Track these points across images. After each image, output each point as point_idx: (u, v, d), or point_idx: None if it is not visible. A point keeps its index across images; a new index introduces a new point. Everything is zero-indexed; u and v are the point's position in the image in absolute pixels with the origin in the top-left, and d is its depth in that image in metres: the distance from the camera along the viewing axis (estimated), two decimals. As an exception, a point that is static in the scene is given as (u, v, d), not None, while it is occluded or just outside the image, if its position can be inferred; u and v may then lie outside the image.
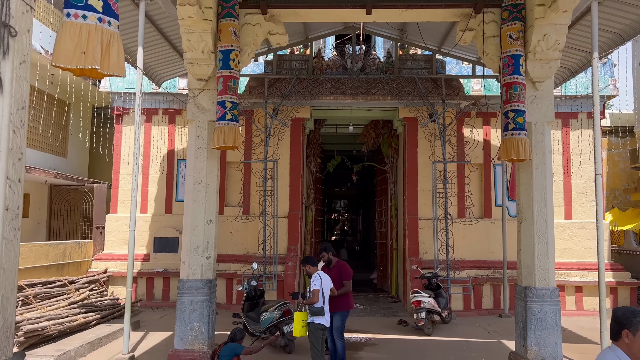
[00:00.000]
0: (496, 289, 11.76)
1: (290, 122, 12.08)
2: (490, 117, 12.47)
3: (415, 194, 11.96)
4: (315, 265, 6.44)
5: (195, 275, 6.50)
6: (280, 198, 11.91)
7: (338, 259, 7.05)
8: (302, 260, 6.52)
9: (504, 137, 6.38)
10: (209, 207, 6.63)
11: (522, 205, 6.65)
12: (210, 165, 6.66)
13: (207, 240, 6.60)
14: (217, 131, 6.31)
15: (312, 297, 6.09)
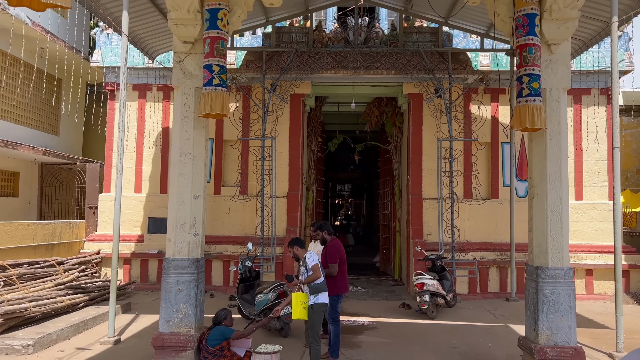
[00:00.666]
0: (503, 272, 11.30)
1: (290, 98, 11.56)
2: (499, 94, 11.91)
3: (420, 174, 11.47)
4: (304, 247, 6.00)
5: (181, 254, 6.06)
6: (279, 177, 11.44)
7: (333, 238, 6.59)
8: (290, 242, 6.06)
9: (517, 105, 5.85)
10: (196, 181, 6.16)
11: (535, 179, 6.15)
12: (197, 135, 6.18)
13: (194, 217, 6.15)
14: (203, 97, 5.81)
15: (314, 273, 5.66)
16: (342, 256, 6.42)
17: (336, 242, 6.51)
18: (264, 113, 10.87)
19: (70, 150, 13.67)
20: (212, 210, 11.80)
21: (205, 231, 6.72)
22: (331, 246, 6.56)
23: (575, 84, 11.75)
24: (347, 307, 9.78)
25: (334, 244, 6.57)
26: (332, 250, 6.47)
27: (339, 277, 6.34)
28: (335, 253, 6.34)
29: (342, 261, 6.42)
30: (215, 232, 11.73)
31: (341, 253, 6.51)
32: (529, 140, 6.36)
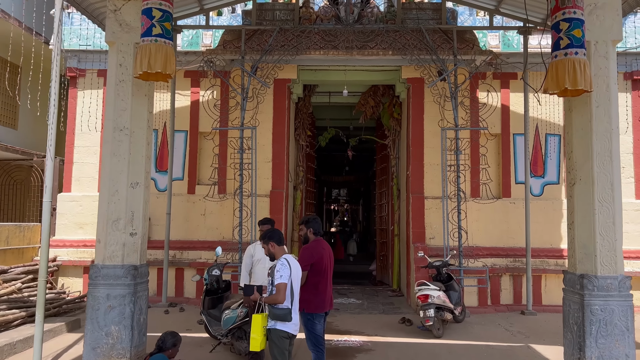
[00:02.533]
0: (517, 280, 9.89)
1: (273, 83, 10.17)
2: (510, 79, 10.56)
3: (421, 169, 10.07)
4: (283, 244, 4.58)
5: (113, 259, 4.66)
6: (262, 174, 10.03)
7: (317, 239, 5.18)
8: (263, 236, 4.66)
9: (552, 60, 4.49)
10: (134, 164, 4.79)
11: (576, 160, 4.78)
12: (136, 105, 4.81)
13: (131, 211, 4.76)
14: (140, 51, 4.45)
15: (276, 294, 4.24)
16: (318, 262, 4.97)
17: (316, 245, 5.10)
18: (243, 99, 9.47)
19: (32, 146, 12.24)
20: (186, 211, 10.39)
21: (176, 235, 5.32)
22: (306, 248, 5.15)
23: None
24: (338, 323, 8.36)
25: (311, 245, 5.16)
26: (304, 252, 5.06)
27: (313, 291, 4.91)
28: (307, 257, 4.93)
29: (321, 270, 4.98)
30: (189, 236, 10.31)
31: (317, 258, 5.00)
32: (567, 110, 4.98)
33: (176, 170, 10.56)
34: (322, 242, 5.17)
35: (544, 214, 10.18)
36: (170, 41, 4.54)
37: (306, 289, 4.89)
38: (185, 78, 10.73)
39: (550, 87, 4.45)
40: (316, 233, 5.23)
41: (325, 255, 5.16)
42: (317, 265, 4.96)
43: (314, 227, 5.17)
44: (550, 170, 10.43)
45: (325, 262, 5.04)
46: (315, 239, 5.17)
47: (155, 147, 10.70)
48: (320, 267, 4.98)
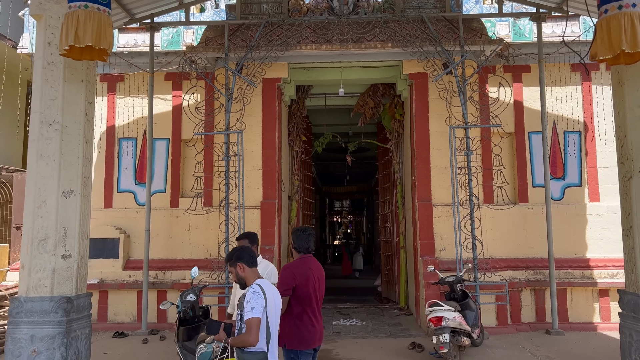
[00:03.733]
0: (539, 295, 8.83)
1: (262, 83, 9.24)
2: (522, 72, 9.59)
3: (428, 173, 9.07)
4: (254, 264, 3.57)
5: (40, 290, 3.66)
6: (251, 183, 9.05)
7: (304, 257, 4.17)
8: (228, 256, 3.64)
9: (602, 17, 3.51)
10: (68, 168, 3.83)
11: (632, 148, 3.82)
12: (70, 93, 3.85)
13: (63, 227, 3.78)
14: (67, 20, 3.49)
15: (246, 333, 3.22)
16: (303, 286, 3.96)
17: (301, 263, 4.09)
18: (227, 100, 8.51)
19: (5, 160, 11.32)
20: (168, 227, 9.41)
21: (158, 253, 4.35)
22: (287, 267, 4.14)
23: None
24: (339, 351, 7.33)
25: (295, 264, 4.15)
26: (284, 273, 4.05)
27: (296, 322, 3.90)
28: (287, 278, 3.94)
29: (306, 295, 3.96)
30: (172, 254, 9.31)
31: (301, 280, 3.98)
32: (616, 84, 4.00)
33: (157, 182, 9.61)
34: (308, 260, 4.15)
35: (566, 219, 9.15)
36: (107, 8, 3.60)
37: (288, 320, 3.89)
38: (166, 81, 9.82)
39: (601, 51, 3.47)
40: (302, 249, 4.22)
41: (313, 277, 4.11)
42: (301, 289, 3.94)
43: (295, 240, 4.17)
44: (571, 172, 9.41)
45: (312, 285, 4.02)
46: (301, 256, 4.17)
47: (134, 158, 9.75)
48: (305, 292, 3.96)
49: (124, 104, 9.85)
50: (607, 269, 8.89)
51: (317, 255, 23.08)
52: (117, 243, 9.22)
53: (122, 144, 9.77)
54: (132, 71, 9.67)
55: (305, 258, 4.23)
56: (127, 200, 9.61)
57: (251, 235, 5.10)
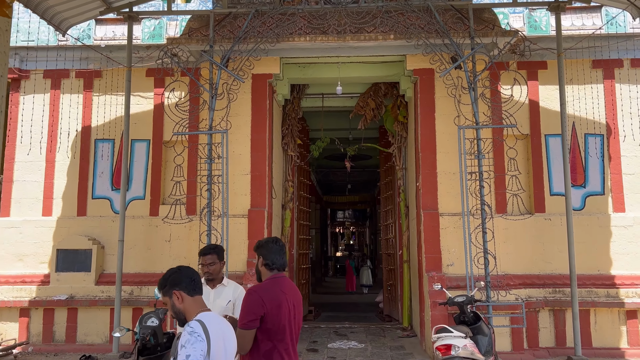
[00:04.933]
0: (559, 317, 7.90)
1: (251, 79, 8.42)
2: (537, 69, 8.74)
3: (434, 179, 8.18)
4: (197, 291, 2.66)
5: None
6: (238, 189, 8.19)
7: (275, 277, 3.27)
8: (162, 282, 2.72)
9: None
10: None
11: None
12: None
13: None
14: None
15: None
16: (273, 316, 3.07)
17: (271, 286, 3.20)
18: (211, 97, 7.65)
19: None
20: (147, 237, 8.55)
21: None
22: (252, 291, 3.22)
23: (604, 54, 8.47)
24: (332, 381, 6.38)
25: (263, 286, 3.24)
26: (248, 298, 3.13)
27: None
28: (252, 305, 3.06)
29: (277, 328, 3.05)
30: (151, 267, 8.43)
31: (270, 308, 3.08)
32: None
33: (136, 188, 8.75)
34: (282, 282, 3.25)
35: (588, 232, 8.23)
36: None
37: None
38: (148, 77, 9.01)
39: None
40: (273, 266, 3.32)
41: (287, 304, 3.18)
42: (271, 320, 3.03)
43: (267, 255, 3.29)
44: (593, 179, 8.50)
45: (286, 315, 3.11)
46: (272, 275, 3.27)
47: (111, 161, 8.90)
48: (276, 324, 3.05)
49: (101, 102, 9.01)
50: (635, 288, 7.95)
51: (318, 268, 21.91)
52: (89, 255, 8.35)
53: (98, 146, 8.93)
54: (110, 66, 8.86)
55: (278, 278, 3.33)
56: (102, 207, 8.75)
57: (220, 249, 4.23)
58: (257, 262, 3.36)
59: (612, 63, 8.53)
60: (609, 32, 8.39)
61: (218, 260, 4.18)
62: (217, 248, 4.24)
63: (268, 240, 3.43)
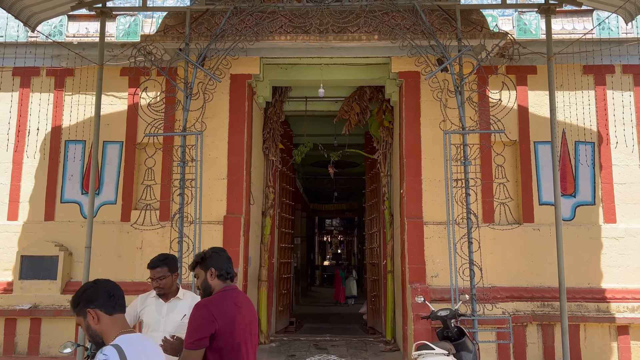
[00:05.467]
0: (547, 332, 7.56)
1: (230, 80, 8.08)
2: (527, 74, 8.47)
3: (419, 186, 7.85)
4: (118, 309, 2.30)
5: None
6: (213, 194, 7.81)
7: (225, 289, 2.94)
8: (75, 300, 2.36)
9: None
10: None
11: None
12: None
13: None
14: None
15: None
16: (226, 334, 2.75)
17: (222, 300, 2.87)
18: (186, 97, 7.27)
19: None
20: (118, 244, 8.13)
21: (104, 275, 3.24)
22: (201, 306, 2.87)
23: (595, 59, 8.21)
24: (306, 400, 5.98)
25: (213, 300, 2.90)
26: (196, 314, 2.81)
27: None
28: (201, 322, 2.77)
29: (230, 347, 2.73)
30: (121, 276, 7.92)
31: (222, 326, 2.77)
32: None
33: (107, 192, 8.35)
34: (234, 294, 2.93)
35: (578, 243, 7.92)
36: None
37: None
38: (122, 77, 8.63)
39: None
40: (226, 276, 3.00)
41: (242, 320, 2.85)
42: (223, 338, 2.70)
43: (218, 265, 2.97)
44: (583, 188, 8.20)
45: (240, 331, 2.76)
46: (224, 287, 2.93)
47: (82, 163, 8.49)
48: (230, 343, 2.71)
49: (73, 102, 8.61)
50: (626, 302, 7.64)
51: (304, 277, 21.34)
52: (55, 262, 7.90)
53: (68, 148, 8.51)
54: (83, 65, 8.46)
55: (230, 291, 3.01)
56: (71, 212, 8.32)
57: (170, 260, 3.85)
58: (205, 277, 3.04)
59: (603, 69, 8.27)
60: (601, 37, 8.13)
61: (169, 272, 3.80)
62: (168, 259, 3.86)
63: (213, 250, 3.17)
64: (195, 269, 3.18)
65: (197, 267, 3.16)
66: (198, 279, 3.16)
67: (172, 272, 3.82)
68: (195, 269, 3.18)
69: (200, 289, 3.14)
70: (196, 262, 3.19)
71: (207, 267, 3.13)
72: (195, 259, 3.23)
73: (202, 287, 3.12)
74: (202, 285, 3.12)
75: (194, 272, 3.20)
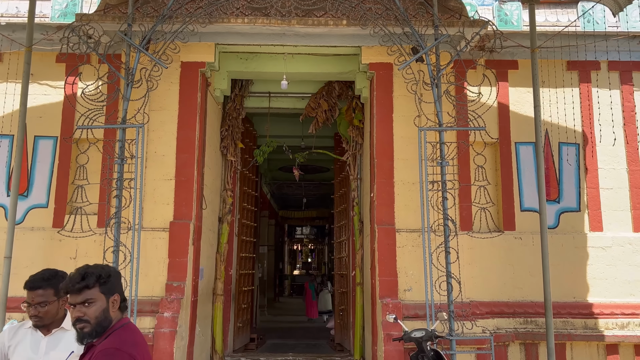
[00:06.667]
0: (530, 351, 6.86)
1: (180, 68, 7.17)
2: (507, 69, 7.81)
3: (390, 189, 7.07)
4: None
5: None
6: (158, 197, 6.88)
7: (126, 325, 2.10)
8: None
9: None
10: None
11: None
12: None
13: None
14: None
15: None
16: None
17: (137, 335, 2.13)
18: (127, 85, 6.31)
19: None
20: (49, 254, 7.08)
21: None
22: (119, 349, 2.04)
23: (580, 54, 7.61)
24: None
25: (128, 340, 2.12)
26: None
27: None
28: None
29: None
30: (50, 290, 6.90)
31: None
32: None
33: (37, 194, 7.31)
34: (137, 330, 2.17)
35: (562, 253, 7.25)
36: None
37: None
38: (58, 64, 7.61)
39: None
40: (124, 307, 2.21)
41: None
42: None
43: (122, 291, 2.27)
44: (568, 193, 7.56)
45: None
46: (121, 321, 2.19)
47: (9, 162, 7.42)
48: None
49: (1, 91, 7.55)
50: (614, 318, 6.98)
51: (271, 288, 20.07)
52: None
53: None
54: (13, 49, 7.42)
55: (133, 326, 2.20)
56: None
57: (55, 281, 2.92)
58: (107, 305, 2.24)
59: (588, 65, 7.67)
60: (586, 30, 7.53)
61: (55, 297, 2.86)
62: (53, 279, 2.92)
63: (108, 267, 2.32)
64: (91, 290, 2.30)
65: (94, 288, 2.30)
66: (91, 306, 2.29)
67: (58, 295, 2.90)
68: (89, 291, 2.30)
69: (91, 323, 2.26)
70: (95, 280, 2.32)
71: (111, 291, 2.30)
72: (91, 276, 2.34)
73: (98, 319, 2.26)
74: (98, 317, 2.27)
75: (86, 296, 2.32)
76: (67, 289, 2.31)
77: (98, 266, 2.43)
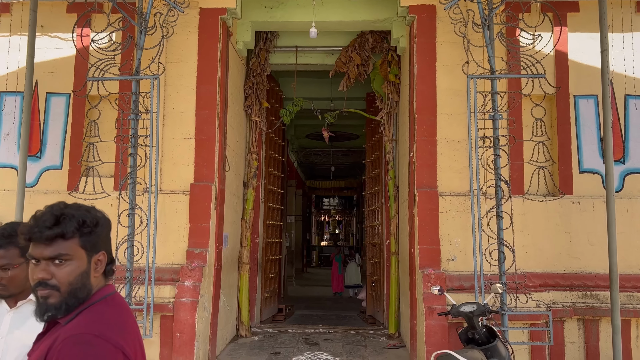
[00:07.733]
0: (590, 329, 6.10)
1: (198, 15, 6.49)
2: (567, 12, 6.85)
3: (433, 148, 6.33)
4: None
5: None
6: (177, 157, 6.31)
7: (109, 297, 1.49)
8: None
9: None
10: None
11: None
12: None
13: None
14: None
15: None
16: None
17: (122, 319, 1.62)
18: (140, 32, 5.69)
19: None
20: (63, 218, 6.55)
21: None
22: (97, 341, 1.45)
23: None
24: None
25: (112, 324, 1.52)
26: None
27: None
28: None
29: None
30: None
31: None
32: None
33: (51, 155, 6.82)
34: (124, 303, 1.62)
35: (627, 219, 6.41)
36: None
37: None
38: (69, 14, 6.99)
39: None
40: (111, 271, 1.59)
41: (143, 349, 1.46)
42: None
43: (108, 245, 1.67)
44: (635, 152, 6.66)
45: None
46: (104, 290, 1.62)
47: (20, 120, 6.92)
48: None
49: (10, 45, 7.02)
50: (687, 292, 6.17)
51: (299, 259, 19.53)
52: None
53: (3, 101, 6.95)
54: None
55: (118, 297, 1.58)
56: (6, 178, 6.81)
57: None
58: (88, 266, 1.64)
59: (659, 5, 6.68)
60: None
61: (21, 257, 2.21)
62: (17, 236, 2.27)
63: (95, 211, 1.66)
64: (67, 242, 1.65)
65: (73, 239, 1.65)
66: (64, 265, 1.65)
67: (26, 257, 2.29)
68: (63, 243, 1.66)
69: (61, 291, 1.64)
70: (76, 228, 1.66)
71: (95, 246, 1.66)
72: (70, 220, 1.67)
73: (72, 286, 1.64)
74: (73, 283, 1.64)
75: (59, 249, 1.65)
76: (31, 235, 1.63)
77: (80, 207, 1.73)
